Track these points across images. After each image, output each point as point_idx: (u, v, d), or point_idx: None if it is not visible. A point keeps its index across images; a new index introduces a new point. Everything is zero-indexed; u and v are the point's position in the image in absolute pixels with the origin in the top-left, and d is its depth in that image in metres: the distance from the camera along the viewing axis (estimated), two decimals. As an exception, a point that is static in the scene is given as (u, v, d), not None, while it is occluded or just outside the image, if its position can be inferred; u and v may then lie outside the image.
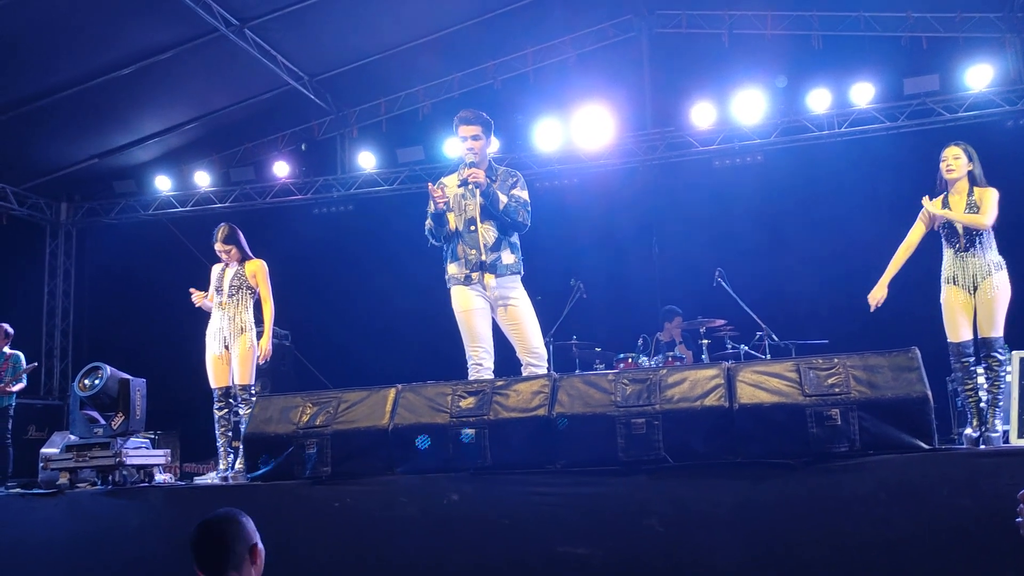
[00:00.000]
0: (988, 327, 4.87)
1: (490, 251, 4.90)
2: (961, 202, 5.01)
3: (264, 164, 11.15)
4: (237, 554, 2.41)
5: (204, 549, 2.42)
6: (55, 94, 9.16)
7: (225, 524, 2.46)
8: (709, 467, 3.74)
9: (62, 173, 10.95)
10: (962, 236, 4.97)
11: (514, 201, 4.93)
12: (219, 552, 2.40)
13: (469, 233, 4.92)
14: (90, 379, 5.14)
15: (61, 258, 11.85)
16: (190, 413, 8.39)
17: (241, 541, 2.44)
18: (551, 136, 10.04)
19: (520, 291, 4.99)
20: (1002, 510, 2.52)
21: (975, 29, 9.21)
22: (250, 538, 2.47)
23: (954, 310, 4.95)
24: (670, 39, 10.21)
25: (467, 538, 3.90)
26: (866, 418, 3.62)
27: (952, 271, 4.98)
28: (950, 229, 5.01)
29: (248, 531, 2.48)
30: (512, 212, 4.91)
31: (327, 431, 4.28)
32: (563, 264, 8.90)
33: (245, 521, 2.49)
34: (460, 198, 4.97)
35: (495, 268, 4.89)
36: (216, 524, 2.46)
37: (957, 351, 4.97)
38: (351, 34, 9.49)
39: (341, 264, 10.77)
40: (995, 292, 4.86)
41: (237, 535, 2.44)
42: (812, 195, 9.32)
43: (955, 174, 5.03)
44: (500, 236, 4.94)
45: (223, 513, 2.50)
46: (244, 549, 2.43)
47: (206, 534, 2.44)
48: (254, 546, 2.46)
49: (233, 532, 2.44)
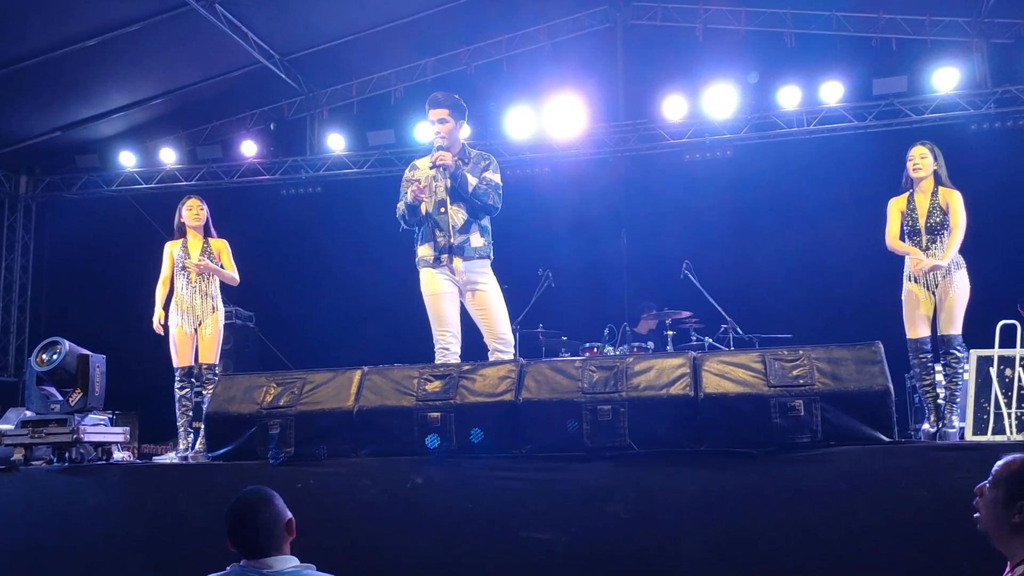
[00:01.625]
0: (948, 325, 4.96)
1: (459, 233, 4.89)
2: (925, 201, 5.09)
3: (232, 143, 10.97)
4: (277, 536, 2.51)
5: (245, 538, 2.50)
6: (16, 64, 8.92)
7: (261, 508, 2.52)
8: (673, 455, 3.76)
9: (22, 145, 10.68)
10: (924, 235, 5.04)
11: (484, 184, 4.92)
12: (263, 537, 2.49)
13: (439, 215, 4.91)
14: (48, 354, 5.04)
15: (19, 232, 11.58)
16: (149, 394, 8.27)
17: (278, 523, 2.53)
18: (523, 124, 10.01)
19: (489, 276, 4.98)
20: (958, 502, 2.58)
21: (944, 32, 9.34)
22: (285, 515, 2.56)
23: (914, 307, 5.03)
24: (644, 31, 10.22)
25: (431, 522, 3.89)
26: (829, 409, 3.67)
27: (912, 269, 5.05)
28: (912, 228, 5.08)
29: (282, 509, 2.57)
30: (482, 195, 4.90)
31: (291, 412, 4.23)
32: (532, 252, 8.89)
33: (277, 501, 2.57)
34: (431, 180, 4.96)
35: (463, 251, 4.89)
36: (252, 511, 2.51)
37: (916, 347, 5.06)
38: (324, 14, 9.36)
39: (308, 246, 10.67)
40: (955, 291, 4.94)
41: (275, 517, 2.53)
42: (781, 191, 9.41)
43: (922, 173, 5.11)
44: (470, 219, 4.94)
45: (254, 498, 2.55)
46: (282, 529, 2.53)
47: (245, 522, 2.51)
48: (289, 521, 2.56)
49: (270, 515, 2.52)
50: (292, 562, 2.50)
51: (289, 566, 2.48)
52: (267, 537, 2.48)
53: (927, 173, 5.11)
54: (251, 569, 2.45)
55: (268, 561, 2.46)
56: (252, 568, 2.45)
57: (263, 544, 2.48)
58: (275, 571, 2.45)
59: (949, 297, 4.94)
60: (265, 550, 2.48)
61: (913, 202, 5.13)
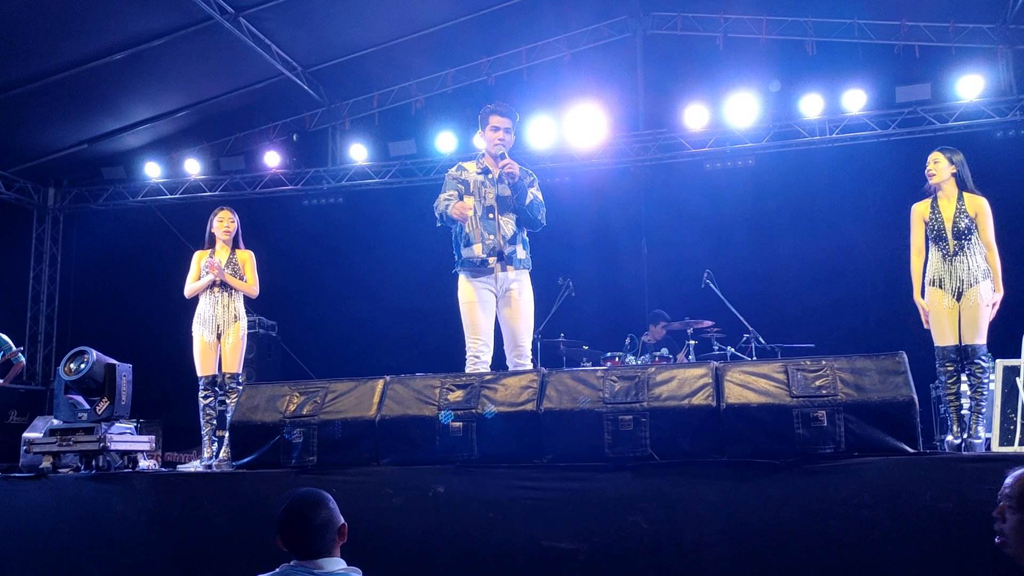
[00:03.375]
0: (972, 334, 4.88)
1: (508, 243, 4.98)
2: (951, 207, 5.02)
3: (255, 154, 11.11)
4: (330, 539, 2.54)
5: (300, 538, 2.52)
6: (45, 78, 9.08)
7: (317, 511, 2.54)
8: (695, 465, 3.74)
9: (50, 158, 10.87)
10: (951, 240, 4.96)
11: (536, 200, 5.04)
12: (317, 538, 2.51)
13: (488, 220, 4.98)
14: (76, 363, 5.10)
15: (47, 243, 11.77)
16: (173, 402, 8.37)
17: (333, 526, 2.55)
18: (544, 134, 10.04)
19: (528, 285, 5.08)
20: (984, 515, 2.54)
21: (967, 39, 9.27)
22: (338, 520, 2.58)
23: (940, 315, 4.94)
24: (664, 40, 10.23)
25: (452, 530, 3.90)
26: (852, 420, 3.64)
27: (938, 274, 4.98)
28: (938, 234, 5.01)
29: (336, 515, 2.58)
30: (535, 209, 5.02)
31: (314, 420, 4.27)
32: (552, 262, 8.86)
33: (332, 505, 2.59)
34: (480, 184, 5.03)
35: (512, 260, 4.97)
36: (307, 514, 2.53)
37: (942, 355, 4.99)
38: (346, 26, 9.45)
39: (330, 256, 10.74)
40: (980, 300, 4.86)
41: (330, 519, 2.55)
42: (802, 200, 9.37)
43: (937, 178, 5.06)
44: (517, 230, 5.03)
45: (309, 500, 2.57)
46: (335, 532, 2.56)
47: (302, 522, 2.52)
48: (342, 526, 2.58)
49: (326, 517, 2.54)
50: (340, 564, 2.53)
51: (339, 568, 2.52)
52: (321, 538, 2.51)
53: (943, 177, 5.04)
54: (302, 569, 2.49)
55: (320, 562, 2.49)
56: (303, 568, 2.49)
57: (317, 545, 2.51)
58: (326, 571, 2.48)
59: (974, 306, 4.87)
60: (318, 551, 2.51)
61: (937, 207, 5.04)
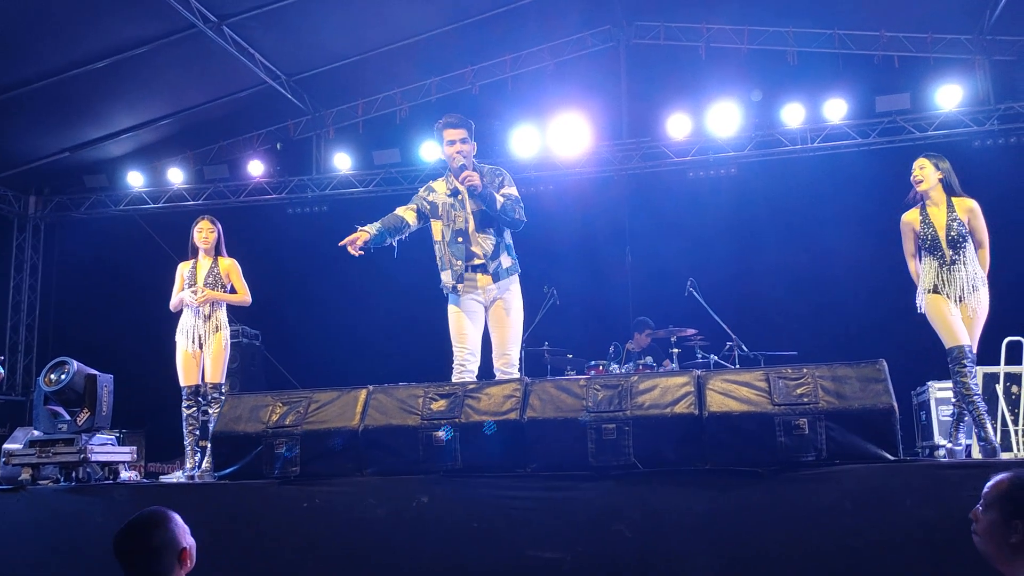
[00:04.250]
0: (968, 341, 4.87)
1: (491, 259, 4.89)
2: (941, 215, 4.95)
3: (239, 162, 11.08)
4: (165, 564, 2.27)
5: (129, 559, 2.26)
6: (27, 85, 9.03)
7: (152, 530, 2.28)
8: (678, 474, 3.75)
9: (32, 166, 10.80)
10: (947, 249, 4.90)
11: (508, 200, 4.91)
12: (146, 562, 2.26)
13: (456, 244, 4.88)
14: (56, 374, 5.05)
15: (28, 252, 11.68)
16: (155, 413, 8.29)
17: (170, 550, 2.28)
18: (528, 143, 10.08)
19: (517, 292, 5.00)
20: (964, 521, 2.57)
21: (946, 50, 9.40)
22: (179, 543, 2.31)
23: (945, 316, 4.81)
24: (647, 50, 10.31)
25: (436, 540, 3.89)
26: (833, 428, 3.66)
27: (934, 281, 4.90)
28: (932, 244, 4.94)
29: (177, 536, 2.32)
30: (509, 211, 4.89)
31: (297, 431, 4.25)
32: (537, 271, 8.85)
33: (174, 525, 2.32)
34: (449, 208, 4.92)
35: (497, 276, 4.89)
36: (143, 531, 2.28)
37: (959, 354, 4.77)
38: (330, 35, 9.46)
39: (314, 265, 10.69)
40: (979, 307, 4.83)
41: (165, 544, 2.28)
42: (785, 208, 9.44)
43: (924, 185, 5.00)
44: (498, 240, 4.93)
45: (149, 517, 2.32)
46: (173, 557, 2.28)
47: (131, 543, 2.28)
48: (183, 551, 2.32)
49: (160, 539, 2.28)
50: None
51: None
52: (151, 563, 2.25)
53: (930, 184, 4.99)
54: None
55: None
56: None
57: (148, 570, 2.26)
58: None
59: (971, 313, 4.81)
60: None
61: (927, 216, 4.98)
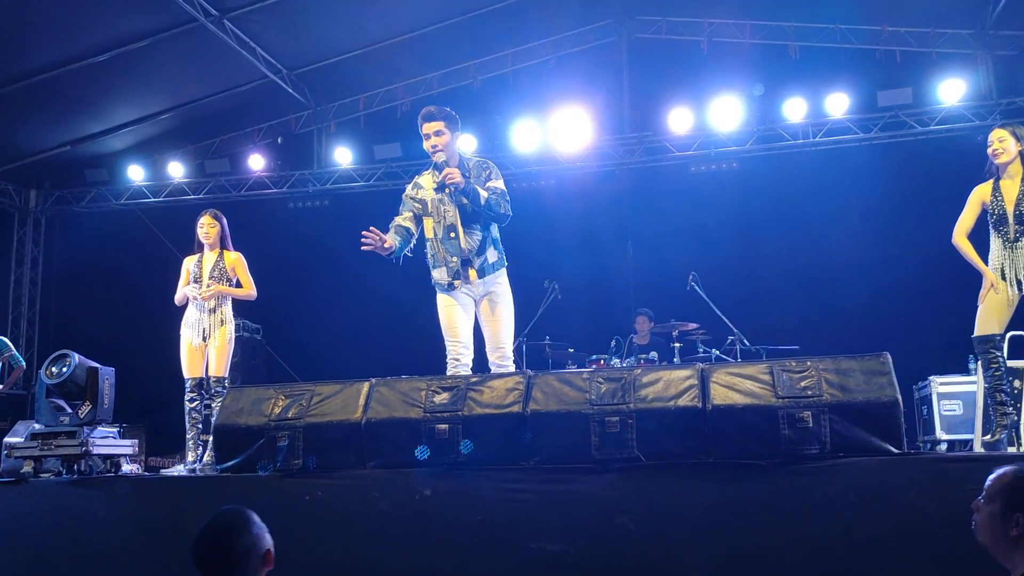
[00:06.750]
0: None
1: (476, 255, 4.85)
2: (1014, 188, 4.68)
3: (239, 156, 11.05)
4: (250, 569, 2.20)
5: (211, 567, 2.17)
6: (27, 79, 9.01)
7: (235, 535, 2.19)
8: (682, 467, 3.75)
9: (32, 160, 10.78)
10: (1012, 225, 4.62)
11: (494, 194, 4.82)
12: (230, 570, 2.17)
13: (449, 240, 4.84)
14: (57, 366, 5.06)
15: (29, 246, 11.67)
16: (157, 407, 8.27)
17: (254, 554, 2.20)
18: (529, 137, 10.06)
19: (505, 285, 4.96)
20: (968, 514, 2.56)
21: (948, 45, 9.37)
22: (263, 545, 2.23)
23: (998, 306, 4.65)
24: (649, 45, 10.28)
25: (439, 533, 3.88)
26: (837, 421, 3.65)
27: (1000, 262, 4.66)
28: (999, 217, 4.68)
29: (262, 538, 2.24)
30: (494, 205, 4.81)
31: (299, 424, 4.24)
32: (538, 265, 8.91)
33: (256, 527, 2.24)
34: (438, 203, 4.87)
35: (483, 271, 4.86)
36: (225, 536, 2.19)
37: (988, 343, 4.66)
38: (331, 29, 9.44)
39: (315, 259, 10.70)
40: None
41: (249, 549, 2.20)
42: (786, 203, 9.43)
43: (1004, 157, 4.69)
44: (484, 235, 4.88)
45: (230, 520, 2.23)
46: (258, 561, 2.21)
47: (214, 550, 2.19)
48: (267, 552, 2.24)
49: (245, 545, 2.19)
50: None
51: None
52: (234, 569, 2.17)
53: (1011, 156, 4.66)
54: None
55: None
56: None
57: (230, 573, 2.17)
58: None
59: None
60: None
61: (999, 189, 4.71)
